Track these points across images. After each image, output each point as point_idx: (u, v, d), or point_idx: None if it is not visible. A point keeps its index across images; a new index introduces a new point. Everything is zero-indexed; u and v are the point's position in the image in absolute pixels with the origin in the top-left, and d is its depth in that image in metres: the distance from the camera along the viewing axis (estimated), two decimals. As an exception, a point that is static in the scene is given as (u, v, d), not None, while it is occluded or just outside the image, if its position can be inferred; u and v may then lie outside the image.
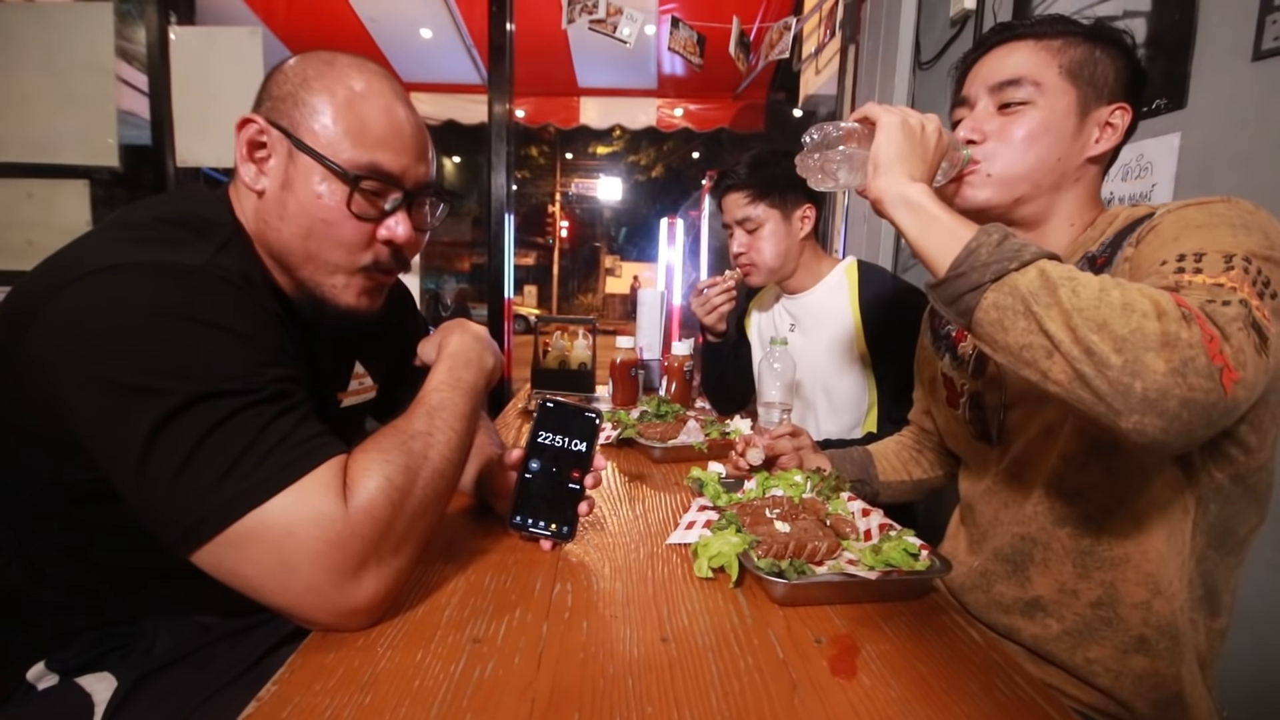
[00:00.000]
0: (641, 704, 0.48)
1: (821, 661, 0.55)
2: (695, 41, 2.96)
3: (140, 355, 0.53)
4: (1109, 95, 0.76)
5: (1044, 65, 0.76)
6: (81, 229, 2.04)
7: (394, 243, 0.71)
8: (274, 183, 0.67)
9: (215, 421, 0.53)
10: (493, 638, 0.56)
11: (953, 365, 0.91)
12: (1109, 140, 0.76)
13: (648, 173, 14.61)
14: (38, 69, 2.02)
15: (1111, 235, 0.73)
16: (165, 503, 0.52)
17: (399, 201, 0.70)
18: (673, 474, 1.12)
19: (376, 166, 0.67)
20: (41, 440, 0.59)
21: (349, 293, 0.71)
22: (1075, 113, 0.75)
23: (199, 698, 0.63)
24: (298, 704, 0.46)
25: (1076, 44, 0.76)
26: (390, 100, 0.69)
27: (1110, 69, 0.76)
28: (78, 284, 0.55)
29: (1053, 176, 0.76)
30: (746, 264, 1.46)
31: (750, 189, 1.40)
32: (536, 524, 0.75)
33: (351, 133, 0.66)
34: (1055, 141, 0.75)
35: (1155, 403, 0.49)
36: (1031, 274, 0.55)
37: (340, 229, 0.67)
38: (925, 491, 1.06)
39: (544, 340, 1.94)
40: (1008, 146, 0.76)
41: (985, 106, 0.79)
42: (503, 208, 2.54)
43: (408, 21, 3.62)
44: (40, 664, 0.64)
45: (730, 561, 0.68)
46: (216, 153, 2.16)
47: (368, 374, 0.88)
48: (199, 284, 0.58)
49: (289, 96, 0.67)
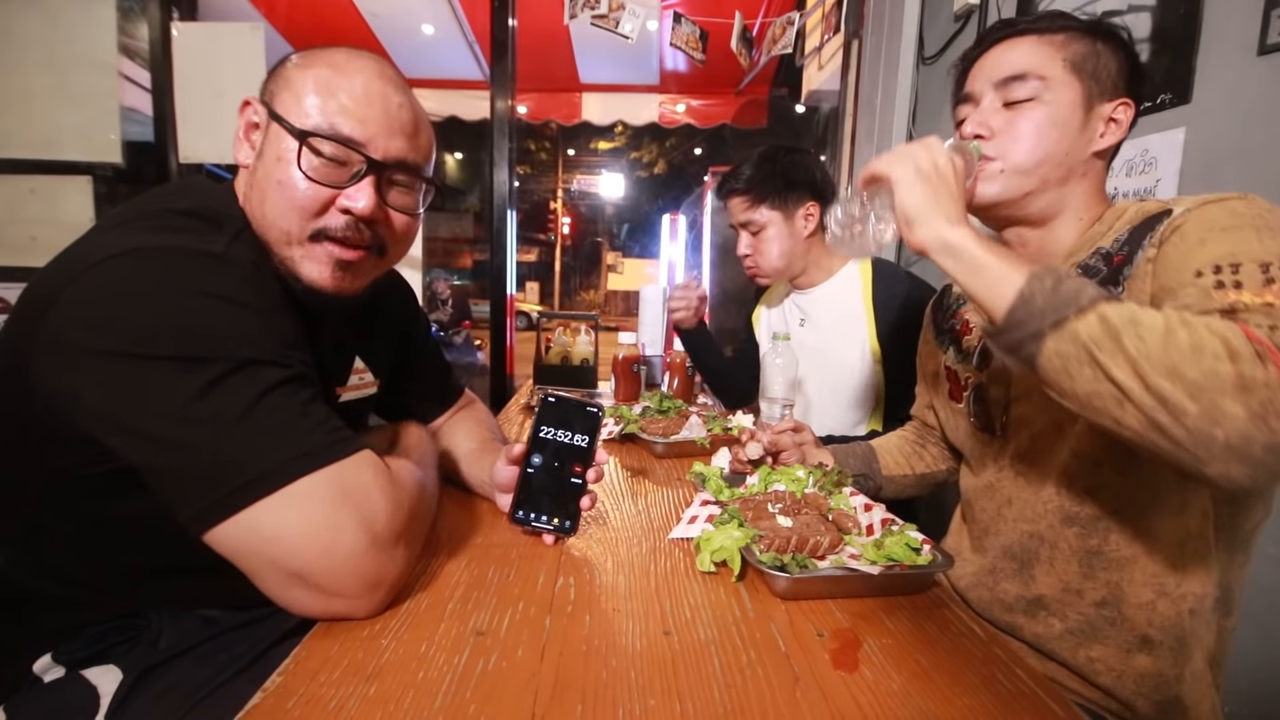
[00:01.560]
0: (644, 696, 0.48)
1: (823, 655, 0.55)
2: (697, 37, 2.95)
3: (176, 327, 0.54)
4: (1112, 90, 0.75)
5: (1048, 59, 0.75)
6: (84, 225, 2.04)
7: (352, 213, 0.68)
8: (255, 156, 0.70)
9: (266, 386, 0.55)
10: (496, 630, 0.56)
11: (957, 358, 0.91)
12: (1113, 135, 0.76)
13: (650, 169, 14.59)
14: (41, 65, 2.02)
15: (1126, 231, 0.72)
16: (209, 466, 0.53)
17: (363, 172, 0.68)
18: (675, 469, 1.12)
19: (334, 128, 0.66)
20: (54, 431, 0.58)
21: (310, 265, 0.69)
22: (1081, 106, 0.75)
23: (204, 690, 0.64)
24: (303, 694, 0.47)
25: (1079, 38, 0.76)
26: (370, 77, 0.69)
27: (1112, 63, 0.75)
28: (100, 267, 0.56)
29: (1061, 171, 0.76)
30: (751, 266, 1.46)
31: (750, 193, 1.40)
32: (539, 518, 0.75)
33: (319, 99, 0.67)
34: (1062, 135, 0.75)
35: (1239, 449, 0.47)
36: (1092, 320, 0.53)
37: (294, 192, 0.66)
38: (929, 485, 1.06)
39: (546, 336, 1.94)
40: (1016, 141, 0.76)
41: (991, 102, 0.78)
42: (505, 204, 2.54)
43: (409, 17, 3.62)
44: (47, 656, 0.65)
45: (732, 556, 0.68)
46: (219, 149, 2.17)
47: (368, 370, 0.88)
48: (222, 268, 0.60)
49: (279, 76, 0.70)
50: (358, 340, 0.85)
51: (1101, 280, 0.71)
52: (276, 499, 0.53)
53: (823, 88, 3.23)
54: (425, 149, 0.75)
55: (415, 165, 0.73)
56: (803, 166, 1.40)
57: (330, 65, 0.69)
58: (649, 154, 14.43)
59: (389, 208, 0.72)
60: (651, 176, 14.72)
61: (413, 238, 0.79)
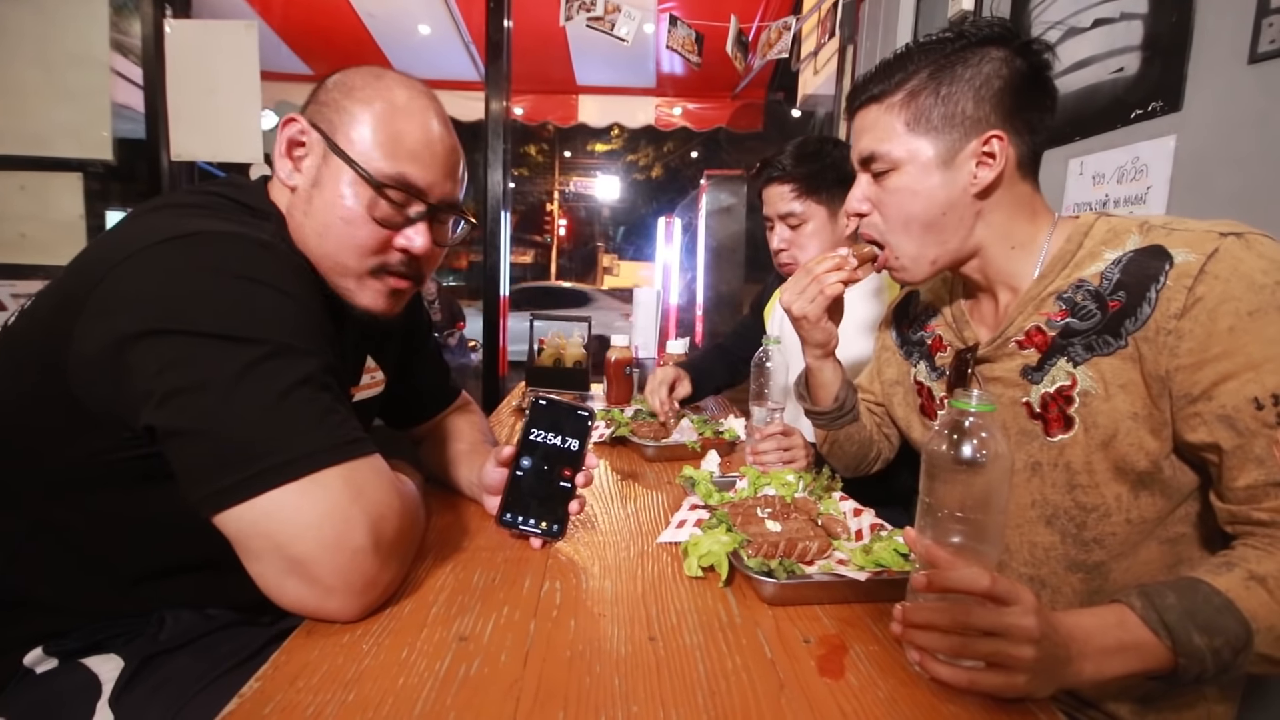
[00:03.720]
0: (628, 703, 0.48)
1: (809, 661, 0.55)
2: (693, 40, 2.96)
3: (222, 307, 0.56)
4: (971, 128, 0.70)
5: (888, 130, 0.73)
6: (75, 222, 2.07)
7: (409, 252, 0.72)
8: (306, 180, 0.70)
9: (302, 375, 0.56)
10: (479, 635, 0.56)
11: (930, 375, 0.88)
12: (990, 170, 0.71)
13: (646, 172, 14.60)
14: (32, 62, 2.01)
15: (1114, 271, 0.66)
16: (236, 445, 0.53)
17: (421, 214, 0.72)
18: (665, 473, 1.12)
19: (404, 178, 0.69)
20: (89, 413, 0.58)
21: (364, 295, 0.73)
22: (938, 163, 0.72)
23: (203, 681, 0.64)
24: (280, 701, 0.46)
25: (919, 88, 0.72)
26: (428, 118, 0.71)
27: (966, 100, 0.70)
28: (149, 251, 0.57)
29: (951, 229, 0.74)
30: (787, 261, 1.35)
31: (797, 183, 1.29)
32: (526, 522, 0.74)
33: (385, 143, 0.68)
34: (929, 199, 0.73)
35: None
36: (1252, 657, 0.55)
37: (357, 231, 0.69)
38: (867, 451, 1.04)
39: (539, 338, 1.94)
40: (888, 219, 0.76)
41: (866, 178, 0.78)
42: (499, 205, 2.53)
43: (406, 17, 3.61)
44: (38, 649, 0.65)
45: (720, 560, 0.68)
46: (211, 147, 2.16)
47: (378, 369, 0.89)
48: (268, 255, 0.61)
49: (333, 103, 0.70)
50: (369, 340, 0.86)
51: (1099, 327, 0.67)
52: (298, 486, 0.54)
53: (818, 92, 3.24)
54: (463, 181, 0.78)
55: (457, 203, 0.77)
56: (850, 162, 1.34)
57: (390, 103, 0.70)
58: (645, 157, 14.44)
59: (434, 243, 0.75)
60: (647, 179, 14.73)
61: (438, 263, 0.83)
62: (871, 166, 0.76)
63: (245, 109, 2.11)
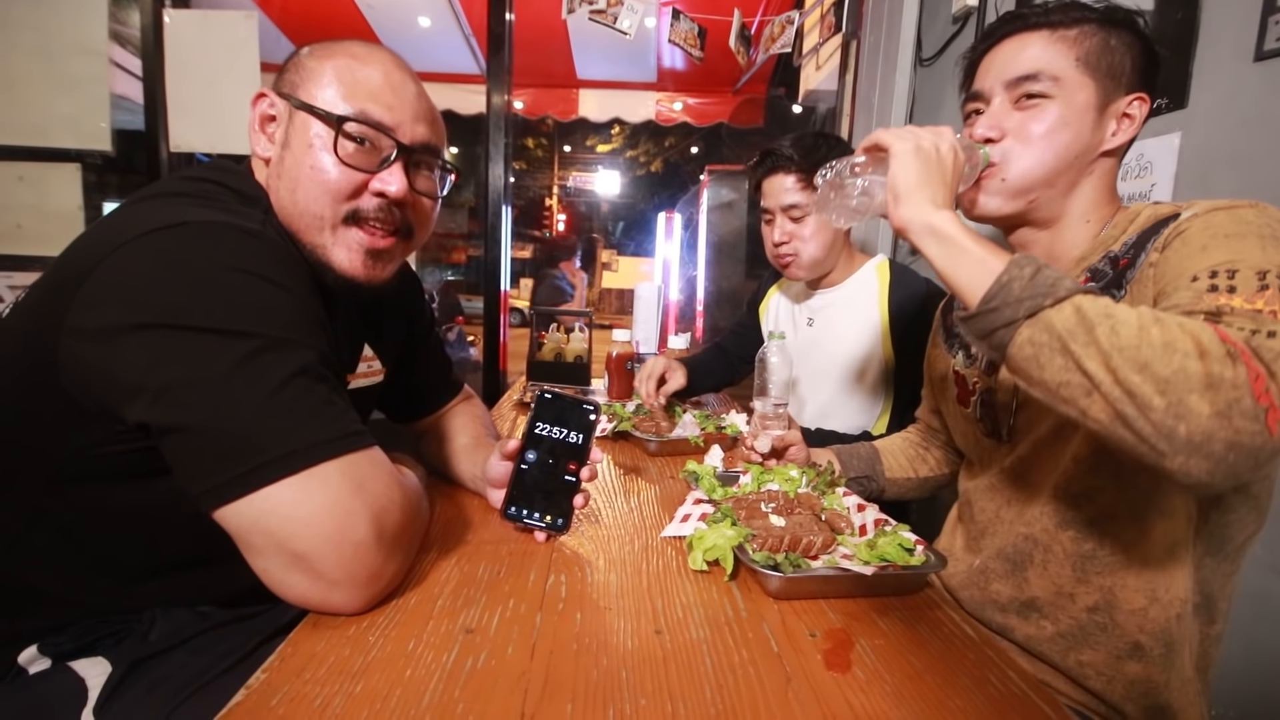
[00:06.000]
0: (635, 696, 0.48)
1: (816, 655, 0.55)
2: (696, 34, 2.94)
3: (215, 300, 0.55)
4: (1126, 85, 0.73)
5: (1060, 58, 0.73)
6: (73, 213, 2.06)
7: (386, 195, 0.70)
8: (278, 146, 0.71)
9: (298, 367, 0.56)
10: (486, 628, 0.56)
11: (965, 363, 0.91)
12: (1126, 132, 0.74)
13: (646, 167, 14.55)
14: (31, 52, 1.99)
15: (1135, 235, 0.71)
16: (234, 440, 0.53)
17: (394, 155, 0.71)
18: (668, 467, 1.12)
19: (365, 113, 0.69)
20: (80, 406, 0.57)
21: (340, 253, 0.71)
22: (1094, 106, 0.73)
23: (194, 684, 0.63)
24: (287, 692, 0.46)
25: (1092, 33, 0.73)
26: (389, 66, 0.72)
27: (1126, 57, 0.73)
28: (140, 240, 0.56)
29: (1070, 174, 0.75)
30: (788, 254, 1.34)
31: (802, 173, 1.27)
32: (531, 515, 0.74)
33: (344, 86, 0.69)
34: (1074, 138, 0.73)
35: (1200, 446, 0.48)
36: (1067, 311, 0.54)
37: (327, 175, 0.68)
38: (931, 488, 1.06)
39: (540, 333, 1.93)
40: (1026, 145, 0.74)
41: (1002, 102, 0.77)
42: (500, 199, 2.52)
43: (406, 8, 3.59)
44: (33, 648, 0.64)
45: (725, 554, 0.68)
46: (210, 138, 2.14)
47: (376, 358, 0.88)
48: (260, 245, 0.60)
49: (296, 67, 0.72)
50: (367, 328, 0.85)
51: (1106, 284, 0.71)
52: (298, 480, 0.53)
53: (820, 88, 3.22)
54: (442, 134, 0.78)
55: (437, 149, 0.76)
56: None
57: (350, 55, 0.71)
58: (645, 153, 14.40)
59: (416, 192, 0.74)
60: (648, 174, 14.69)
61: (434, 221, 0.81)
62: (1026, 87, 0.75)
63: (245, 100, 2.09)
